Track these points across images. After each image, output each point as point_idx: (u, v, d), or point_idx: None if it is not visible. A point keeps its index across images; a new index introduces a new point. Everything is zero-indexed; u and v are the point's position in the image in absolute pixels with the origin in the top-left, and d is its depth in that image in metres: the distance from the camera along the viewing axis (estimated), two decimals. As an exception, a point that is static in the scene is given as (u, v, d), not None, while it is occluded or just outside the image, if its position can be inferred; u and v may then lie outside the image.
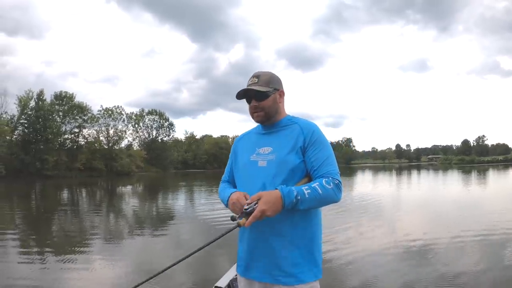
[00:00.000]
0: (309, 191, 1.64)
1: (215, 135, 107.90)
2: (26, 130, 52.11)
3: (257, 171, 1.81)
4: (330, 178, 1.70)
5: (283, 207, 1.62)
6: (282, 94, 1.94)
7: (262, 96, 1.85)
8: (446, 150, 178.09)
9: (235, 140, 2.12)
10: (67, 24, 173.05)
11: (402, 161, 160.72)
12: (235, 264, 3.51)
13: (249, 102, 1.89)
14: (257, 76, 1.88)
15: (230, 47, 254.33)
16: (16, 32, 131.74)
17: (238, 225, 1.59)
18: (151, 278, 1.66)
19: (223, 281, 3.14)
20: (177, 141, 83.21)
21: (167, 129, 76.34)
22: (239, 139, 2.10)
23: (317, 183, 1.67)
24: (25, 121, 52.17)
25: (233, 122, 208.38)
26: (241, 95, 1.89)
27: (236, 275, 3.19)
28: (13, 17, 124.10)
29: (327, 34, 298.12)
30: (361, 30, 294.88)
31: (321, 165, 1.74)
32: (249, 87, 1.85)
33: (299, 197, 1.62)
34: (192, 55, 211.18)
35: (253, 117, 1.92)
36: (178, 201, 19.59)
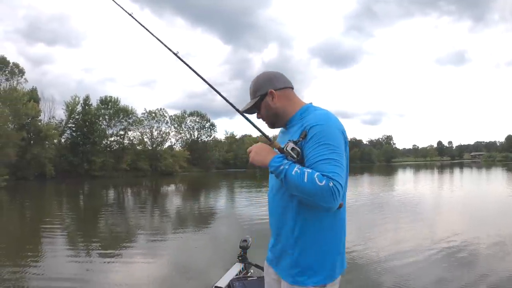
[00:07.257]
0: (298, 171, 1.48)
1: (254, 135, 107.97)
2: (74, 134, 54.52)
3: None
4: (327, 176, 1.44)
5: (269, 165, 1.60)
6: (272, 94, 1.76)
7: (253, 110, 1.84)
8: (489, 146, 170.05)
9: None
10: (102, 32, 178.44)
11: (444, 159, 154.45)
12: (235, 264, 3.68)
13: None
14: (250, 87, 1.84)
15: (263, 47, 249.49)
16: (54, 41, 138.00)
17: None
18: None
19: (223, 281, 3.17)
20: (217, 141, 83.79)
21: (208, 129, 77.22)
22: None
23: (310, 171, 1.46)
24: (73, 125, 54.70)
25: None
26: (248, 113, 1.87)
27: (236, 275, 3.32)
28: (51, 28, 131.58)
29: (359, 30, 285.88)
30: (395, 24, 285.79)
31: (316, 163, 1.50)
32: (242, 111, 1.84)
33: (286, 167, 1.52)
34: (227, 57, 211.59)
35: None
36: (220, 200, 19.90)
